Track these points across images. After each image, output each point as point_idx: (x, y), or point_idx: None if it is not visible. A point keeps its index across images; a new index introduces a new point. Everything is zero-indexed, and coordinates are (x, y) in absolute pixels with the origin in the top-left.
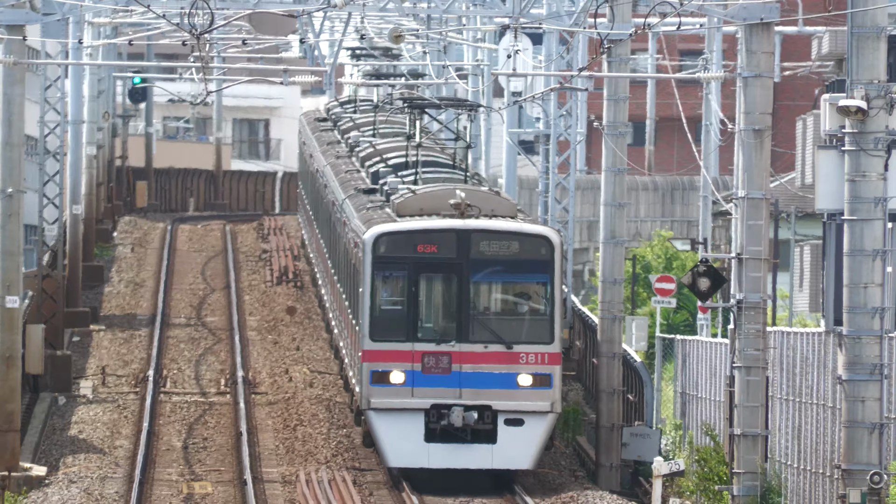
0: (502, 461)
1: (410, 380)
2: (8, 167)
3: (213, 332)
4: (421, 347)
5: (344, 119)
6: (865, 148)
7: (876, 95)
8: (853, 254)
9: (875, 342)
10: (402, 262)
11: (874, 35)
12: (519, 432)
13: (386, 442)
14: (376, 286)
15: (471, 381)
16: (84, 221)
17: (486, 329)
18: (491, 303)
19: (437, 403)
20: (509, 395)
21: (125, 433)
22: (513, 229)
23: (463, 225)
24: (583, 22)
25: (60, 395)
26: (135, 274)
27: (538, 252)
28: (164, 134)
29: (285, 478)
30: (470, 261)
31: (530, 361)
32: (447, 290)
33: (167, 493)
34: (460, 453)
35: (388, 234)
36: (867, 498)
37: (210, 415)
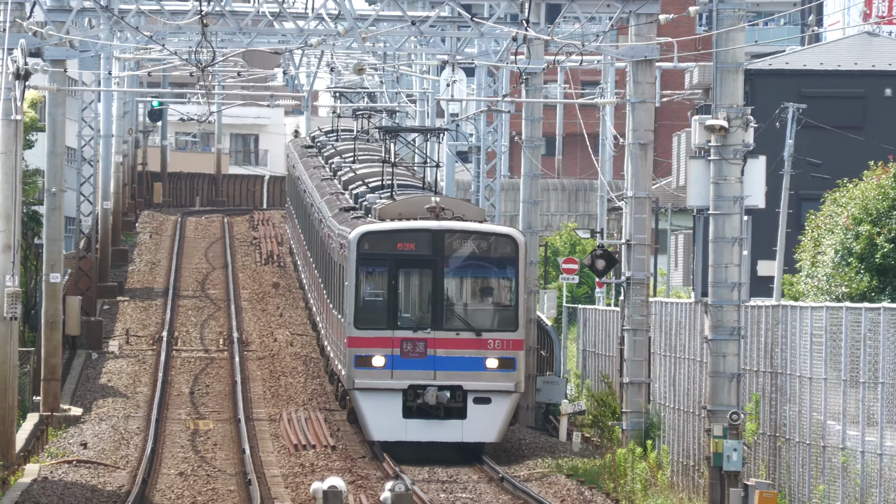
0: (471, 435)
1: (390, 363)
2: (52, 171)
3: (214, 302)
4: (400, 334)
5: (327, 147)
6: (726, 158)
7: (735, 116)
8: (717, 241)
9: (734, 310)
10: (384, 259)
11: (734, 69)
12: (486, 409)
13: (368, 418)
14: (360, 280)
15: (444, 365)
16: (112, 214)
17: (458, 318)
18: (462, 295)
19: (414, 384)
20: (478, 377)
21: (144, 381)
22: (482, 230)
23: (437, 226)
24: (506, 59)
25: (93, 352)
26: (152, 256)
27: (504, 250)
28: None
29: (271, 417)
30: (444, 257)
31: (497, 347)
32: (423, 284)
33: (178, 429)
34: (434, 428)
35: (372, 232)
36: (727, 432)
37: (211, 367)
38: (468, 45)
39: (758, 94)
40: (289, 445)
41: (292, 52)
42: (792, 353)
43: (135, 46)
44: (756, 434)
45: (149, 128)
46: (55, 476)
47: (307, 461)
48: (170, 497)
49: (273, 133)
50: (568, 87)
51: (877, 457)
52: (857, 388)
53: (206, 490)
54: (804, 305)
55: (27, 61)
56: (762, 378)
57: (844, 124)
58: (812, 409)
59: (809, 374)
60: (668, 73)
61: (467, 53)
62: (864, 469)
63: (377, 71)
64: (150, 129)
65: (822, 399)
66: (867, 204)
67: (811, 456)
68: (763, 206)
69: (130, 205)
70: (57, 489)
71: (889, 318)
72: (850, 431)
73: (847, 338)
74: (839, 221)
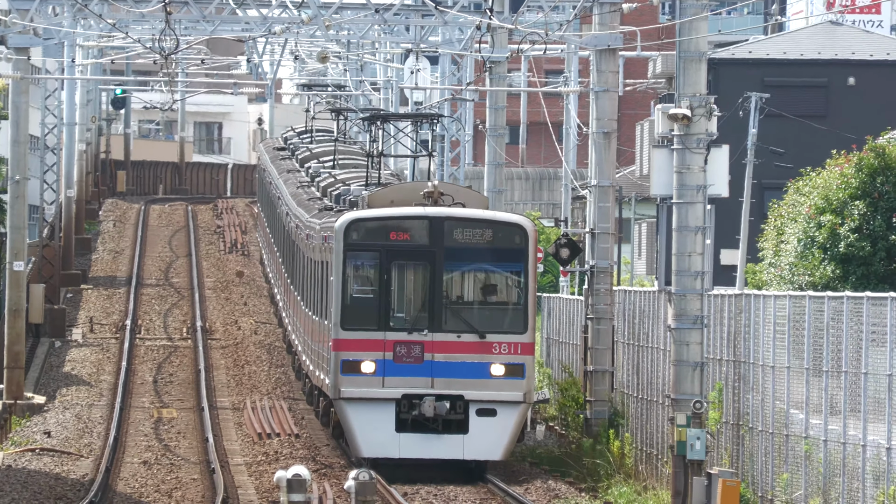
0: (474, 452)
1: (382, 369)
2: (16, 159)
3: (177, 290)
4: (393, 336)
5: (301, 149)
6: (689, 147)
7: (698, 105)
8: (680, 230)
9: (697, 299)
10: (374, 250)
11: (697, 58)
12: (491, 423)
13: (357, 432)
14: (347, 274)
15: (443, 371)
16: (76, 203)
17: (458, 318)
18: (464, 292)
19: (409, 393)
20: (481, 385)
21: (108, 370)
22: (487, 217)
23: (436, 212)
24: (470, 47)
25: (57, 340)
26: (115, 244)
27: (512, 241)
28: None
29: (234, 405)
30: (443, 249)
31: (503, 351)
32: (420, 279)
33: (141, 417)
34: (431, 444)
35: (360, 220)
36: (691, 420)
37: (175, 356)
38: (432, 34)
39: (721, 84)
40: (252, 434)
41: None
42: (755, 341)
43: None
44: (719, 423)
45: (112, 116)
46: (18, 464)
47: (271, 450)
48: (133, 486)
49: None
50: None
51: (840, 445)
52: (820, 377)
53: (170, 479)
54: (767, 294)
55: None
56: (725, 367)
57: (807, 113)
58: (775, 397)
59: (772, 362)
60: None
61: (431, 42)
62: (827, 457)
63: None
64: (114, 118)
65: (785, 388)
66: (829, 193)
67: (774, 444)
68: (726, 195)
69: (94, 193)
70: (20, 477)
71: (852, 307)
72: (813, 420)
73: (810, 327)
74: (802, 211)
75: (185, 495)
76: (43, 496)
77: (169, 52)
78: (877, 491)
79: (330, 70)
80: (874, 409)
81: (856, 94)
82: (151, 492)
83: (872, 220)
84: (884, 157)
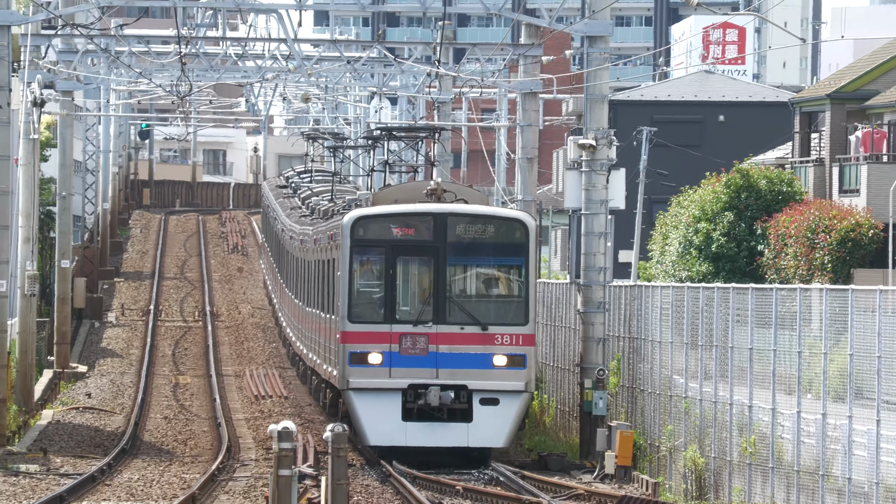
0: (478, 439)
1: (388, 360)
2: (62, 179)
3: (190, 282)
4: (399, 329)
5: (303, 187)
6: (595, 169)
7: (601, 137)
8: (587, 234)
9: (600, 289)
10: (380, 245)
11: (600, 100)
12: (494, 411)
13: (364, 421)
14: (354, 269)
15: (447, 362)
16: (110, 213)
17: (462, 311)
18: (467, 285)
19: (415, 384)
20: (484, 375)
21: (136, 345)
22: (488, 213)
23: (439, 209)
24: (422, 90)
25: (95, 322)
26: (142, 246)
27: (513, 235)
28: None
29: (236, 373)
30: (446, 244)
31: (505, 342)
32: (424, 273)
33: (162, 382)
34: (437, 432)
35: (367, 217)
36: (595, 384)
37: (189, 334)
38: (392, 80)
39: (619, 120)
40: (250, 395)
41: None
42: (645, 322)
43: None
44: (618, 386)
45: (138, 145)
46: (66, 419)
47: (265, 408)
48: (156, 436)
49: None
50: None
51: (712, 403)
52: (696, 350)
53: (185, 430)
54: (655, 285)
55: (42, 92)
56: (622, 342)
57: (686, 143)
58: (661, 366)
59: (659, 338)
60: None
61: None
62: (701, 413)
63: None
64: (140, 146)
65: (669, 358)
66: (704, 206)
67: (660, 403)
68: (623, 207)
69: (124, 206)
70: (68, 429)
71: (721, 295)
72: (691, 384)
73: (688, 311)
74: (682, 220)
75: (198, 444)
76: (86, 444)
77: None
78: (741, 439)
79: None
80: (738, 375)
81: (725, 128)
82: (171, 441)
83: (738, 227)
84: (747, 178)
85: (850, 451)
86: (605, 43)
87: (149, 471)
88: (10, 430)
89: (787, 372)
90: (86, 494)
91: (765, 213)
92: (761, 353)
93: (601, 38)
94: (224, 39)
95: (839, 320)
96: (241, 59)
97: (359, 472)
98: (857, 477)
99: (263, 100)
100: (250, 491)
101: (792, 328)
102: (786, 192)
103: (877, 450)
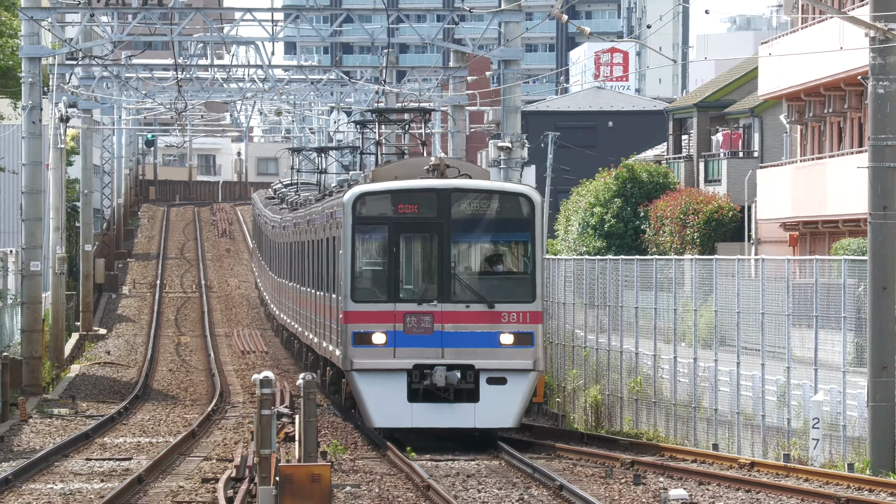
0: (485, 420)
1: (392, 340)
2: (84, 180)
3: (188, 261)
4: (403, 308)
5: (290, 196)
6: (511, 167)
7: (515, 141)
8: None
9: None
10: (383, 223)
11: (514, 111)
12: (501, 391)
13: (369, 403)
14: (357, 247)
15: (453, 341)
16: (123, 207)
17: (467, 289)
18: (472, 262)
19: (420, 364)
20: (491, 354)
21: (145, 312)
22: (494, 188)
23: (443, 184)
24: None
25: (112, 294)
26: (149, 232)
27: (519, 211)
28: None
29: (226, 333)
30: (451, 220)
31: (512, 320)
32: (428, 250)
33: (167, 342)
34: (443, 413)
35: (369, 193)
36: None
37: (188, 303)
38: (347, 97)
39: (530, 127)
40: (238, 351)
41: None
42: (554, 287)
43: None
44: None
45: (145, 151)
46: (90, 372)
47: (250, 361)
48: (163, 384)
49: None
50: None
51: (606, 351)
52: (594, 309)
53: (186, 380)
54: (561, 258)
55: (67, 110)
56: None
57: (583, 145)
58: (566, 322)
59: (564, 300)
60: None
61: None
62: (598, 359)
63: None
64: (146, 152)
65: (573, 316)
66: (598, 194)
67: (566, 352)
68: None
69: (134, 201)
70: (91, 380)
71: (612, 265)
72: (590, 336)
73: (587, 278)
74: (581, 206)
75: (196, 390)
76: (106, 392)
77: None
78: (629, 380)
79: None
80: (627, 328)
81: (613, 132)
82: (174, 388)
83: (625, 211)
84: (632, 172)
85: (717, 388)
86: (518, 65)
87: (157, 412)
88: (45, 382)
89: (665, 325)
90: (107, 432)
91: (646, 199)
92: (645, 310)
93: (514, 62)
94: (212, 66)
95: (706, 284)
96: (226, 82)
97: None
98: (721, 408)
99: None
100: (239, 427)
101: (669, 290)
102: (662, 182)
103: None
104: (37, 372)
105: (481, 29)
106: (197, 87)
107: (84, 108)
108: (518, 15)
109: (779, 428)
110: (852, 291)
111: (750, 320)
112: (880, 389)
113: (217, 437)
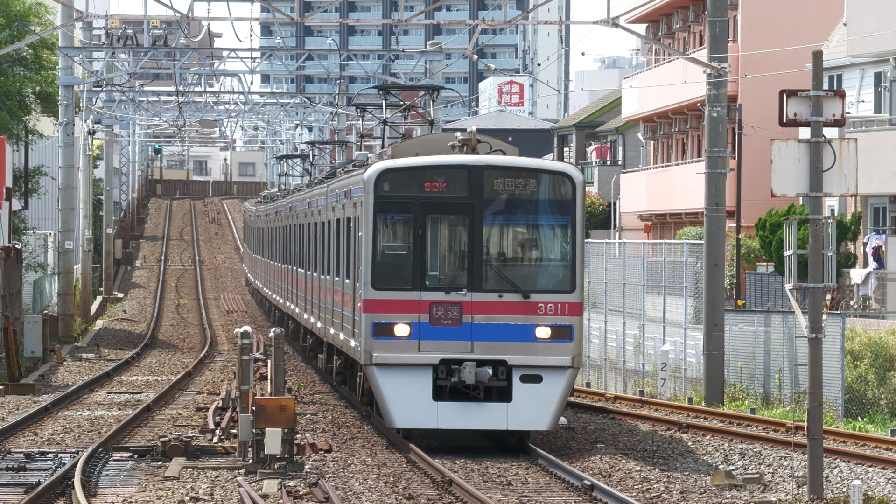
0: (518, 421)
1: (417, 332)
2: (107, 179)
3: (186, 241)
4: (428, 297)
5: (278, 197)
6: None
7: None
8: None
9: None
10: (408, 202)
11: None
12: (536, 390)
13: (390, 401)
14: (378, 229)
15: (483, 334)
16: (136, 200)
17: (500, 276)
18: (506, 247)
19: (447, 358)
20: (526, 349)
21: (153, 280)
22: (531, 166)
23: (475, 160)
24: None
25: (128, 267)
26: (156, 220)
27: (559, 191)
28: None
29: (215, 297)
30: (483, 200)
31: (549, 312)
32: (458, 234)
33: (170, 304)
34: (472, 413)
35: (393, 169)
36: None
37: (185, 274)
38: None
39: None
40: (224, 311)
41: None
42: None
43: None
44: None
45: (154, 157)
46: (110, 326)
47: (233, 319)
48: (166, 336)
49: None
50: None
51: None
52: None
53: (184, 332)
54: None
55: (94, 126)
56: None
57: None
58: None
59: None
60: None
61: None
62: None
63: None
64: (154, 158)
65: None
66: None
67: None
68: None
69: (145, 195)
70: (112, 332)
71: None
72: None
73: None
74: None
75: (192, 340)
76: (123, 341)
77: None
78: None
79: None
80: None
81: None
82: (175, 339)
83: None
84: None
85: (589, 339)
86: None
87: (162, 357)
88: (76, 333)
89: None
90: (123, 371)
91: None
92: None
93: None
94: (205, 92)
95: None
96: (216, 104)
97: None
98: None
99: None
100: (224, 369)
101: None
102: None
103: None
104: (69, 326)
105: (412, 65)
106: (193, 108)
107: (107, 124)
108: (439, 55)
109: (636, 370)
110: (692, 267)
111: (614, 288)
112: (713, 341)
113: (207, 377)
